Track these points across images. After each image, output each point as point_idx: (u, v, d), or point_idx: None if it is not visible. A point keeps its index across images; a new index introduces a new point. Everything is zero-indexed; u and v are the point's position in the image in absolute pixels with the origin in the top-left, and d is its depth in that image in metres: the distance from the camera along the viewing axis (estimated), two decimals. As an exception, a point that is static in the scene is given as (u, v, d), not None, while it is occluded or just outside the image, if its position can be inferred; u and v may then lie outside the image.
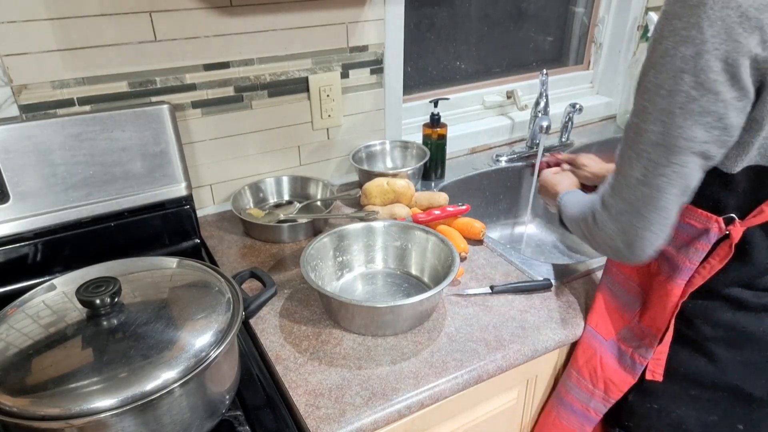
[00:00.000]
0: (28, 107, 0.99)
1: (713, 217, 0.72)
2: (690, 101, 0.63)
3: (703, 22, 0.59)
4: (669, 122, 0.65)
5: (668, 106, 0.64)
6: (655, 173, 0.68)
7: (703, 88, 0.62)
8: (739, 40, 0.59)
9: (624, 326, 0.87)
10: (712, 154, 0.66)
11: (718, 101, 0.62)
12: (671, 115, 0.64)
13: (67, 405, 0.57)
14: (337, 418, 0.74)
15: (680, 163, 0.66)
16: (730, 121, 0.63)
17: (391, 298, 0.99)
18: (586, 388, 0.87)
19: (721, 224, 0.71)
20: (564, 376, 0.92)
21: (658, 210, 0.69)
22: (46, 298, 0.71)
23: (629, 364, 0.84)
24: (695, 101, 0.62)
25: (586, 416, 0.88)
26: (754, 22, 0.58)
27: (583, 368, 0.88)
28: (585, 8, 1.74)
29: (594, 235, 0.78)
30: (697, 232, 0.73)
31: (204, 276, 0.77)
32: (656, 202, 0.69)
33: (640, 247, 0.72)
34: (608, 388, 0.85)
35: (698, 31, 0.60)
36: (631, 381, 0.83)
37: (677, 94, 0.63)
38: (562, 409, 0.91)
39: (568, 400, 0.90)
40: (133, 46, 1.03)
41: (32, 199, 0.96)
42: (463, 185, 1.44)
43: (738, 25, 0.58)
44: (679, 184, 0.67)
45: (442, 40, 1.53)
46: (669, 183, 0.67)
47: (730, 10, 0.58)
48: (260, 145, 1.25)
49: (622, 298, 0.88)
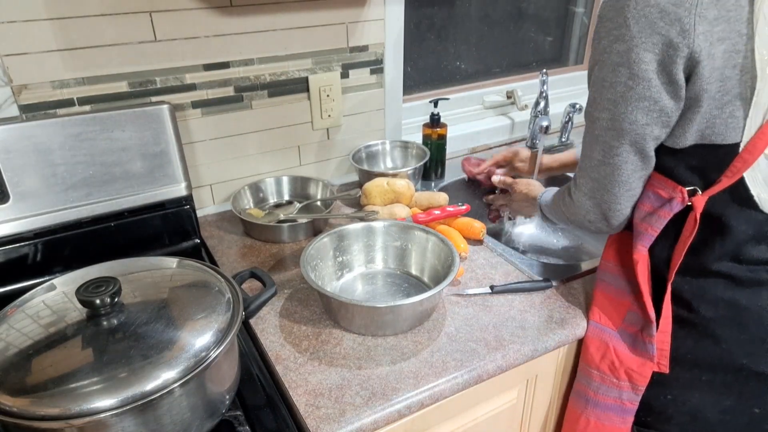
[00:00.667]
0: (28, 107, 0.99)
1: (678, 186, 0.77)
2: (628, 90, 0.73)
3: (630, 21, 0.70)
4: (614, 109, 0.75)
5: (611, 96, 0.75)
6: (611, 153, 0.78)
7: (637, 77, 0.72)
8: (662, 33, 0.68)
9: (627, 310, 0.88)
10: (656, 134, 0.75)
11: (651, 87, 0.71)
12: (615, 103, 0.75)
13: (67, 405, 0.57)
14: (337, 418, 0.74)
15: (629, 143, 0.76)
16: (664, 103, 0.72)
17: (391, 298, 0.99)
18: (611, 383, 0.88)
19: (684, 194, 0.76)
20: (586, 379, 0.91)
21: (620, 184, 0.80)
22: (46, 298, 0.71)
23: (643, 347, 0.84)
24: (632, 90, 0.73)
25: (623, 409, 0.88)
26: (673, 15, 0.67)
27: (602, 364, 0.88)
28: (585, 8, 1.74)
29: (572, 212, 0.89)
30: (661, 201, 0.80)
31: (204, 276, 0.77)
32: (617, 178, 0.79)
33: (613, 217, 0.83)
34: (631, 377, 0.85)
35: (626, 29, 0.70)
36: (651, 365, 0.84)
37: (617, 84, 0.74)
38: (599, 411, 0.89)
39: (600, 400, 0.89)
40: (133, 46, 1.03)
41: (32, 199, 0.96)
42: (463, 185, 1.44)
43: (659, 20, 0.68)
44: (634, 160, 0.77)
45: (442, 40, 1.53)
46: (624, 160, 0.78)
47: (651, 8, 0.68)
48: (260, 145, 1.25)
49: (616, 285, 0.90)
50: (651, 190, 0.80)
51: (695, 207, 0.76)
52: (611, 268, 0.92)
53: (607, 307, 0.90)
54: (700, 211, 0.76)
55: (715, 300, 0.79)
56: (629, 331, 0.87)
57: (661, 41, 0.68)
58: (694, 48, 0.67)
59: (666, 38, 0.68)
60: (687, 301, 0.81)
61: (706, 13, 0.67)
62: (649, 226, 0.81)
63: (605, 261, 0.93)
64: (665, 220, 0.79)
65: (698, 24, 0.67)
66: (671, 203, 0.78)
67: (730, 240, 0.76)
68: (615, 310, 0.89)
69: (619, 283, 0.90)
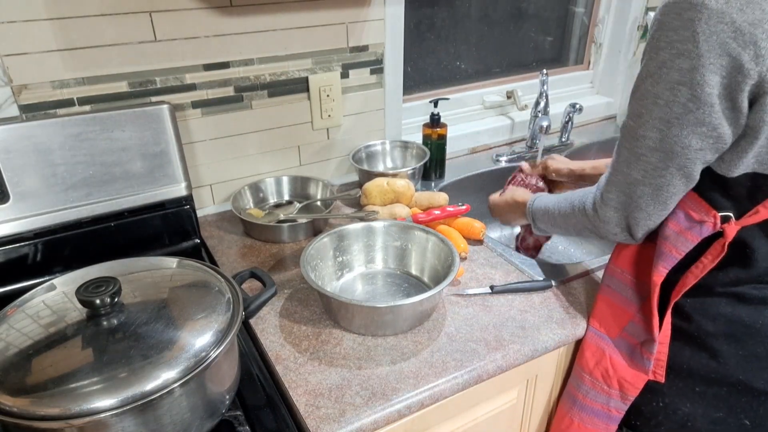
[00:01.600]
0: (28, 107, 0.99)
1: (712, 211, 0.73)
2: (686, 113, 0.66)
3: (699, 36, 0.61)
4: (666, 131, 0.68)
5: (665, 116, 0.67)
6: (655, 174, 0.72)
7: (699, 101, 0.64)
8: (733, 55, 0.61)
9: (629, 321, 0.87)
10: (708, 158, 0.69)
11: (713, 114, 0.65)
12: (668, 124, 0.68)
13: (67, 405, 0.57)
14: (337, 418, 0.74)
15: (677, 167, 0.70)
16: (723, 130, 0.66)
17: (391, 298, 0.99)
18: (601, 389, 0.87)
19: (717, 220, 0.73)
20: (576, 381, 0.91)
21: (657, 204, 0.75)
22: (46, 298, 0.71)
23: (640, 359, 0.84)
24: (691, 113, 0.65)
25: (608, 416, 0.88)
26: (748, 37, 0.60)
27: (595, 371, 0.87)
28: (585, 8, 1.74)
29: (597, 226, 0.83)
30: (690, 222, 0.75)
31: (204, 276, 0.77)
32: (657, 198, 0.74)
33: (639, 231, 0.79)
34: (623, 386, 0.85)
35: (694, 45, 0.62)
36: (644, 377, 0.83)
37: (674, 105, 0.66)
38: (583, 414, 0.89)
39: (587, 403, 0.89)
40: (133, 46, 1.03)
41: (32, 199, 0.96)
42: (463, 185, 1.44)
43: (732, 40, 0.60)
44: (678, 183, 0.72)
45: (442, 40, 1.53)
46: (668, 183, 0.72)
47: (725, 25, 0.60)
48: (260, 145, 1.25)
49: (622, 293, 0.89)
50: (682, 209, 0.76)
51: (726, 234, 0.72)
52: (619, 274, 0.89)
53: (608, 314, 0.89)
54: (730, 239, 0.72)
55: (715, 315, 0.78)
56: (628, 342, 0.86)
57: (731, 64, 0.61)
58: (765, 77, 0.61)
59: (737, 62, 0.61)
60: (687, 314, 0.80)
61: None
62: (674, 247, 0.77)
63: (614, 266, 0.90)
64: (692, 244, 0.75)
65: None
66: (702, 227, 0.74)
67: (749, 269, 0.74)
68: (616, 317, 0.88)
69: (625, 292, 0.88)
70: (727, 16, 0.60)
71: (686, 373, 0.81)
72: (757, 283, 0.76)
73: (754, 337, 0.76)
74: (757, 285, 0.76)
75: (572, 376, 0.93)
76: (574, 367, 0.93)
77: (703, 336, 0.79)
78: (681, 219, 0.76)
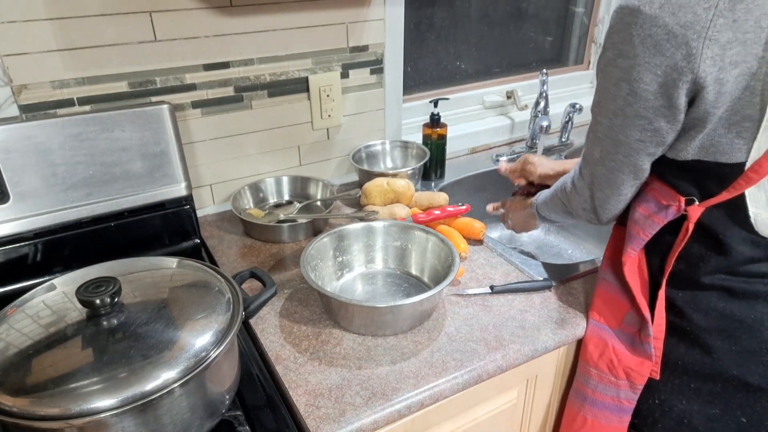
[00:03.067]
0: (28, 107, 0.99)
1: (677, 195, 0.77)
2: (626, 105, 0.73)
3: (635, 38, 0.68)
4: (613, 119, 0.75)
5: (612, 107, 0.75)
6: (609, 158, 0.79)
7: (636, 95, 0.71)
8: (667, 55, 0.66)
9: (626, 312, 0.88)
10: (650, 150, 0.75)
11: (648, 108, 0.71)
12: (614, 114, 0.75)
13: (67, 405, 0.57)
14: (337, 418, 0.74)
15: (623, 154, 0.77)
16: (659, 124, 0.72)
17: (391, 298, 0.99)
18: (609, 381, 0.87)
19: (681, 203, 0.76)
20: (583, 377, 0.91)
21: (612, 187, 0.81)
22: (46, 298, 0.71)
23: (641, 347, 0.84)
24: (630, 106, 0.72)
25: (620, 408, 0.88)
26: (680, 38, 0.65)
27: (600, 362, 0.88)
28: (585, 8, 1.74)
29: (571, 199, 0.89)
30: (658, 207, 0.79)
31: (204, 276, 0.77)
32: (610, 182, 0.81)
33: (601, 213, 0.86)
34: (630, 375, 0.85)
35: (630, 46, 0.69)
36: (649, 364, 0.84)
37: (617, 98, 0.73)
38: (596, 410, 0.89)
39: (597, 398, 0.89)
40: (133, 46, 1.03)
41: (32, 199, 0.96)
42: (463, 185, 1.44)
43: (666, 42, 0.66)
44: (628, 170, 0.78)
45: (442, 40, 1.53)
46: (618, 168, 0.79)
47: (658, 28, 0.66)
48: (260, 145, 1.25)
49: (616, 285, 0.90)
50: (651, 196, 0.80)
51: (690, 216, 0.76)
52: (611, 267, 0.92)
53: (607, 307, 0.90)
54: (694, 220, 0.75)
55: (707, 310, 0.79)
56: (628, 332, 0.87)
57: (665, 63, 0.66)
58: (698, 73, 0.65)
59: (671, 61, 0.66)
60: (680, 309, 0.81)
61: (718, 36, 0.63)
62: (641, 230, 0.81)
63: (607, 260, 0.93)
64: (658, 226, 0.80)
65: (707, 48, 0.64)
66: (667, 210, 0.78)
67: (727, 258, 0.76)
68: (614, 309, 0.89)
69: (618, 284, 0.90)
70: (660, 20, 0.65)
71: (681, 369, 0.82)
72: (746, 276, 0.76)
73: (746, 332, 0.77)
74: (747, 279, 0.76)
75: (578, 373, 0.93)
76: (579, 363, 0.93)
77: (696, 331, 0.80)
78: (651, 205, 0.80)
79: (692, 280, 0.79)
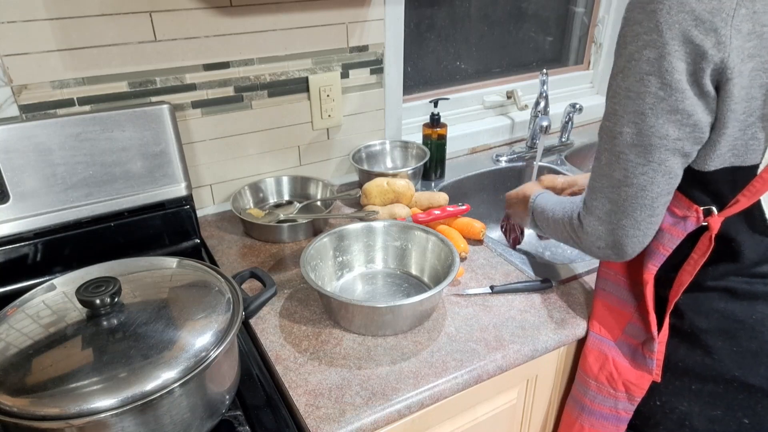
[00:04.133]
0: (28, 107, 0.99)
1: (694, 206, 0.74)
2: (659, 101, 0.66)
3: (662, 26, 0.63)
4: (641, 123, 0.68)
5: (639, 108, 0.68)
6: (636, 173, 0.71)
7: (669, 88, 0.65)
8: (696, 42, 0.62)
9: (627, 322, 0.87)
10: (687, 150, 0.69)
11: (685, 99, 0.65)
12: (642, 116, 0.68)
13: (67, 405, 0.57)
14: (337, 418, 0.74)
15: (658, 161, 0.69)
16: (698, 117, 0.66)
17: (391, 298, 0.99)
18: (608, 393, 0.87)
19: (699, 214, 0.73)
20: (582, 387, 0.91)
21: (643, 208, 0.72)
22: (46, 298, 0.71)
23: (642, 360, 0.84)
24: (663, 101, 0.66)
25: (617, 417, 0.88)
26: (709, 24, 0.61)
27: (600, 375, 0.87)
28: (585, 8, 1.74)
29: (581, 237, 0.80)
30: (674, 219, 0.76)
31: (204, 276, 0.77)
32: (641, 201, 0.72)
33: (628, 245, 0.75)
34: (629, 389, 0.85)
35: (658, 34, 0.64)
36: (649, 378, 0.83)
37: (646, 95, 0.67)
38: (593, 419, 0.90)
39: (595, 408, 0.89)
40: (133, 46, 1.03)
41: (32, 199, 0.96)
42: (463, 185, 1.44)
43: (694, 28, 0.62)
44: (661, 181, 0.70)
45: (442, 40, 1.53)
46: (651, 181, 0.70)
47: (685, 14, 0.62)
48: (260, 145, 1.25)
49: (617, 295, 0.89)
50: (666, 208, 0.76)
51: (711, 227, 0.72)
52: (612, 276, 0.89)
53: (606, 318, 0.89)
54: (716, 232, 0.72)
55: (709, 311, 0.78)
56: (629, 343, 0.86)
57: (695, 51, 0.63)
58: (728, 63, 0.62)
59: (700, 48, 0.62)
60: (680, 311, 0.80)
61: (741, 26, 0.61)
62: (660, 244, 0.77)
63: (606, 269, 0.90)
64: (678, 240, 0.76)
65: (734, 37, 0.61)
66: (685, 222, 0.74)
67: (737, 263, 0.75)
68: (615, 320, 0.88)
69: (620, 294, 0.88)
70: (687, 6, 0.62)
71: (682, 371, 0.81)
72: (747, 277, 0.76)
73: (747, 332, 0.76)
74: (748, 279, 0.76)
75: (576, 382, 0.93)
76: (578, 373, 0.93)
77: (697, 333, 0.79)
78: (666, 216, 0.76)
79: (696, 284, 0.78)
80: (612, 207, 0.74)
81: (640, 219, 0.73)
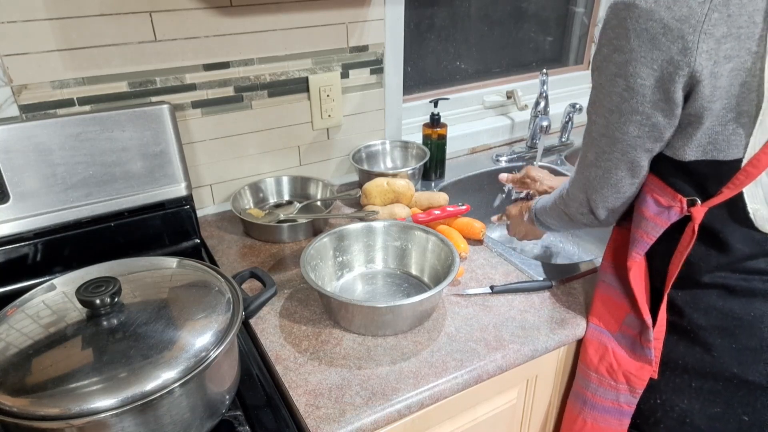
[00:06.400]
0: (28, 107, 0.99)
1: (678, 195, 0.76)
2: (622, 101, 0.73)
3: (630, 33, 0.68)
4: (609, 117, 0.75)
5: (608, 104, 0.75)
6: (603, 158, 0.79)
7: (632, 90, 0.71)
8: (663, 49, 0.66)
9: (626, 314, 0.88)
10: (648, 146, 0.75)
11: (645, 103, 0.71)
12: (610, 111, 0.75)
13: (67, 405, 0.57)
14: (337, 418, 0.74)
15: (620, 152, 0.77)
16: (657, 120, 0.71)
17: (391, 298, 0.99)
18: (609, 385, 0.88)
19: (683, 204, 0.76)
20: (583, 380, 0.91)
21: (609, 186, 0.81)
22: (46, 298, 0.71)
23: (641, 351, 0.84)
24: (626, 102, 0.72)
25: (620, 411, 0.88)
26: (676, 32, 0.65)
27: (600, 367, 0.88)
28: (585, 8, 1.74)
29: (568, 204, 0.89)
30: (659, 208, 0.79)
31: (204, 276, 0.77)
32: (607, 181, 0.81)
33: (600, 213, 0.85)
34: (630, 380, 0.85)
35: (626, 41, 0.69)
36: (648, 369, 0.84)
37: (613, 94, 0.73)
38: (596, 413, 0.90)
39: (597, 402, 0.89)
40: (133, 46, 1.03)
41: (32, 199, 0.96)
42: (463, 185, 1.44)
43: (661, 36, 0.66)
44: (624, 167, 0.78)
45: (442, 40, 1.53)
46: (615, 166, 0.78)
47: (654, 22, 0.66)
48: (260, 145, 1.25)
49: (616, 287, 0.90)
50: (650, 196, 0.80)
51: (694, 218, 0.75)
52: (612, 269, 0.91)
53: (606, 310, 0.90)
54: (699, 222, 0.75)
55: (707, 308, 0.79)
56: (628, 335, 0.87)
57: (661, 58, 0.67)
58: (695, 67, 0.65)
59: (667, 55, 0.66)
60: (679, 308, 0.81)
61: (713, 30, 0.64)
62: (645, 233, 0.80)
63: (606, 262, 0.93)
64: (662, 229, 0.79)
65: (702, 42, 0.64)
66: (669, 212, 0.77)
67: (727, 256, 0.76)
68: (614, 312, 0.89)
69: (618, 286, 0.90)
70: (656, 14, 0.65)
71: (681, 368, 0.82)
72: (743, 273, 0.76)
73: (746, 329, 0.77)
74: (745, 276, 0.76)
75: (578, 375, 0.93)
76: (579, 367, 0.93)
77: (696, 330, 0.80)
78: (650, 205, 0.80)
79: (692, 279, 0.79)
80: (586, 182, 0.84)
81: (608, 195, 0.82)
